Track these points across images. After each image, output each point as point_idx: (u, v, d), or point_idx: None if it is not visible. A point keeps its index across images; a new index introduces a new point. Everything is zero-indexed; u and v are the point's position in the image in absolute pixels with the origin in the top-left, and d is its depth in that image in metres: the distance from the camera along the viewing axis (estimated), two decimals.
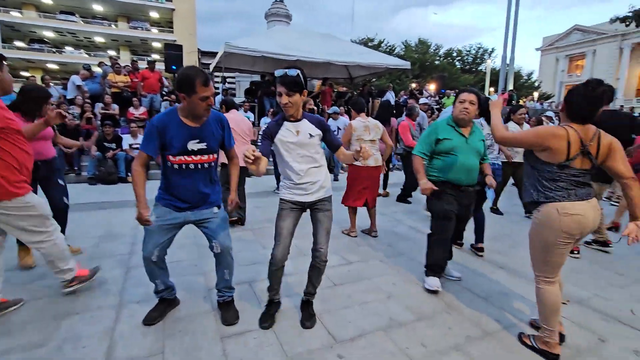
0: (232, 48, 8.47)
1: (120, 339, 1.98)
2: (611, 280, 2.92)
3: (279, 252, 2.04)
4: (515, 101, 15.20)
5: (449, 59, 32.29)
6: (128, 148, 6.90)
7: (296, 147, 2.00)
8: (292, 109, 1.93)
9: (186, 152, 1.95)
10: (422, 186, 2.56)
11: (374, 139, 3.80)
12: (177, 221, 2.06)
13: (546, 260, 1.87)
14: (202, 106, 1.88)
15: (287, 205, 2.08)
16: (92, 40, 31.87)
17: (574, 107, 1.79)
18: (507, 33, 19.97)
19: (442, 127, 2.62)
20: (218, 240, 2.10)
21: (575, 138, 1.75)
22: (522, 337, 2.06)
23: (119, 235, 3.75)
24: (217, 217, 2.12)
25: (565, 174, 1.78)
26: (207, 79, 1.83)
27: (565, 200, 1.76)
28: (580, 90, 1.77)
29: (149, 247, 2.02)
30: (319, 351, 1.93)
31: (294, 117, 2.00)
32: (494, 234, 4.02)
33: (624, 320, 2.32)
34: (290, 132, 1.99)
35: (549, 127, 1.84)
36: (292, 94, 1.89)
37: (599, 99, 1.73)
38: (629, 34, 31.62)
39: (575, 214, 1.74)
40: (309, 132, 2.01)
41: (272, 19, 13.57)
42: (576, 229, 1.76)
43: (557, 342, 1.89)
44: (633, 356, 1.96)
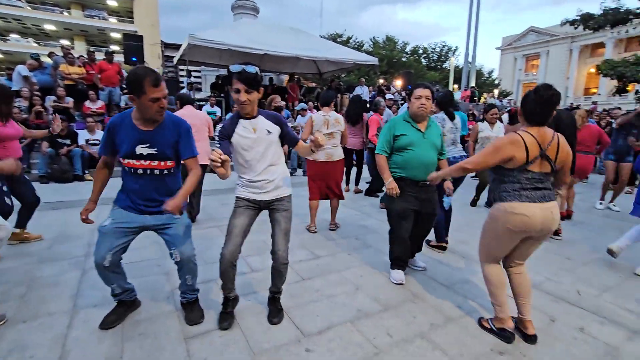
0: (196, 40, 8.16)
1: (73, 346, 1.86)
2: (561, 265, 3.14)
3: (228, 251, 1.95)
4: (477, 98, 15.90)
5: (415, 56, 33.14)
6: (84, 144, 6.48)
7: (254, 145, 1.95)
8: (249, 106, 1.89)
9: (134, 156, 1.86)
10: (388, 186, 2.58)
11: (332, 133, 3.76)
12: (134, 225, 1.96)
13: (490, 249, 2.04)
14: (153, 108, 1.77)
15: (242, 203, 2.03)
16: (41, 28, 29.55)
17: (528, 111, 1.89)
18: (469, 33, 20.86)
19: (399, 123, 2.64)
20: (178, 248, 1.99)
21: (532, 142, 1.84)
22: (482, 321, 2.16)
23: (74, 237, 3.52)
24: (178, 223, 2.01)
25: (525, 177, 1.87)
26: (157, 79, 1.73)
27: (516, 200, 1.87)
28: (531, 96, 1.88)
29: (102, 252, 1.88)
30: (286, 346, 1.91)
31: (250, 115, 1.95)
32: (457, 225, 4.18)
33: (571, 300, 2.51)
34: (247, 130, 1.94)
35: (504, 138, 1.91)
36: (251, 92, 1.85)
37: (548, 102, 1.84)
38: (578, 36, 33.99)
39: (521, 213, 1.84)
40: (266, 128, 1.97)
41: (238, 12, 13.21)
42: (519, 228, 1.87)
43: (509, 317, 2.03)
44: (578, 333, 2.12)
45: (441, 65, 34.25)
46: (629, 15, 14.74)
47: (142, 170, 1.89)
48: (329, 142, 3.75)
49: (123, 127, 1.86)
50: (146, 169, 1.89)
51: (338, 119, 3.80)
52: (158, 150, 1.88)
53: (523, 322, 2.03)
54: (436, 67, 34.03)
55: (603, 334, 2.11)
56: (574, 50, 36.09)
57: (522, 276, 2.07)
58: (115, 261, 1.94)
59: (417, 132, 2.60)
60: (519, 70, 39.43)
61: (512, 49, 41.47)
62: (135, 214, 1.95)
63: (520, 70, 39.63)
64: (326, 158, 3.77)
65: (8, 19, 27.79)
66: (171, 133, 1.91)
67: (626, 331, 2.15)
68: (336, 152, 3.82)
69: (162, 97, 1.77)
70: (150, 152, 1.87)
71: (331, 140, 3.77)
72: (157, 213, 1.95)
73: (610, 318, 2.29)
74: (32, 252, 3.11)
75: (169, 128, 1.90)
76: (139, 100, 1.75)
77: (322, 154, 3.74)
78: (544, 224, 1.86)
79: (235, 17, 13.21)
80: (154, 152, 1.87)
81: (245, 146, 1.95)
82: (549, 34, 37.54)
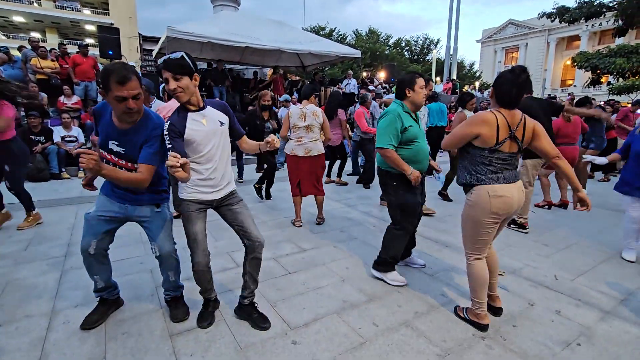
0: (175, 33, 7.93)
1: (53, 349, 1.81)
2: (539, 251, 3.25)
3: (201, 257, 1.90)
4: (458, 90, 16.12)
5: (398, 49, 33.29)
6: (60, 141, 6.24)
7: (208, 137, 1.83)
8: (184, 94, 1.73)
9: (106, 149, 1.84)
10: (413, 175, 2.40)
11: (309, 126, 3.68)
12: (117, 215, 1.94)
13: (476, 239, 2.01)
14: (118, 107, 1.67)
15: (193, 206, 1.89)
16: (9, 19, 28.12)
17: (503, 92, 1.90)
18: (450, 25, 21.07)
19: (403, 115, 2.46)
20: (157, 242, 1.96)
21: (504, 123, 1.87)
22: (457, 310, 2.21)
23: (51, 237, 3.41)
24: (158, 217, 1.98)
25: (495, 157, 1.91)
26: (123, 77, 1.60)
27: (495, 183, 1.91)
28: (507, 77, 1.89)
29: (87, 238, 1.92)
30: (272, 339, 1.92)
31: (195, 106, 1.82)
32: (439, 215, 4.28)
33: (549, 285, 2.60)
34: (197, 123, 1.80)
35: (478, 114, 1.93)
36: (180, 77, 1.69)
37: (523, 85, 1.87)
38: (554, 29, 34.83)
39: (503, 195, 1.89)
40: (218, 119, 1.88)
41: (218, 4, 12.89)
42: (503, 210, 1.91)
43: (486, 313, 2.06)
44: (555, 315, 2.21)
45: (424, 57, 34.54)
46: (603, 9, 15.19)
47: (113, 164, 1.83)
48: (307, 136, 3.69)
49: (103, 118, 1.82)
50: (116, 164, 1.83)
51: (316, 112, 3.71)
52: (126, 151, 1.81)
53: (492, 297, 2.16)
54: (418, 59, 34.29)
55: (578, 316, 2.20)
56: (551, 43, 36.98)
57: (492, 257, 2.15)
58: (101, 249, 1.95)
59: (416, 123, 2.52)
60: (498, 63, 40.19)
61: (492, 42, 42.15)
62: (117, 202, 1.92)
63: (500, 62, 40.40)
64: (304, 152, 3.71)
65: None
66: (143, 135, 1.80)
67: (599, 312, 2.25)
68: (315, 147, 3.74)
69: (128, 96, 1.64)
70: (119, 150, 1.81)
71: (309, 134, 3.70)
72: (137, 204, 1.93)
73: (585, 300, 2.39)
74: (8, 254, 3.00)
75: (144, 129, 1.79)
76: (107, 96, 1.67)
77: (300, 148, 3.70)
78: (519, 203, 1.95)
79: (215, 9, 12.89)
80: (121, 151, 1.82)
81: (198, 139, 1.80)
82: (527, 27, 38.31)
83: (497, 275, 2.18)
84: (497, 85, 1.93)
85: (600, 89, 24.12)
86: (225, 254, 3.00)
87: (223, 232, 2.03)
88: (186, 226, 1.90)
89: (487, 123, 1.87)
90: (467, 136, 1.93)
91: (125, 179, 1.72)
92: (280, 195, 5.11)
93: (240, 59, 11.39)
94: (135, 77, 1.65)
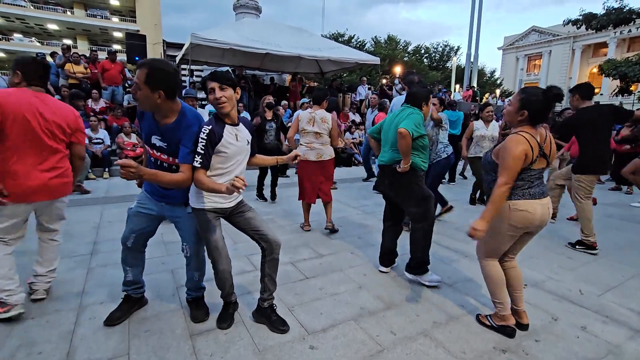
0: (199, 39, 8.18)
1: (80, 343, 1.88)
2: (562, 264, 3.15)
3: (224, 264, 1.96)
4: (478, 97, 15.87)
5: (417, 56, 33.11)
6: (87, 143, 6.51)
7: (235, 154, 1.89)
8: (227, 104, 1.79)
9: (149, 144, 1.92)
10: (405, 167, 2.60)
11: (319, 132, 3.69)
12: (153, 212, 2.02)
13: (490, 245, 2.04)
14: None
15: (210, 215, 1.91)
16: (44, 27, 29.64)
17: (536, 112, 1.88)
18: (472, 32, 20.80)
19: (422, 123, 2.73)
20: (188, 243, 2.03)
21: (534, 143, 1.87)
22: (480, 317, 2.19)
23: (78, 235, 3.55)
24: (190, 218, 1.99)
25: (526, 175, 1.91)
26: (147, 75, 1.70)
27: (520, 199, 1.91)
28: (540, 98, 1.87)
29: (126, 232, 2.04)
30: (290, 344, 1.93)
31: (232, 120, 1.88)
32: (459, 224, 4.21)
33: (573, 299, 2.52)
34: (231, 136, 1.86)
35: (514, 143, 1.86)
36: (225, 88, 1.77)
37: (552, 102, 1.89)
38: (580, 36, 33.90)
39: (525, 210, 1.89)
40: (246, 138, 1.96)
41: (240, 11, 13.24)
42: (521, 223, 1.92)
43: (509, 313, 2.05)
44: (581, 331, 2.13)
45: (443, 64, 34.20)
46: (632, 15, 14.69)
47: (154, 159, 1.92)
48: (317, 141, 3.72)
49: (146, 115, 1.90)
50: (157, 159, 1.91)
51: (325, 118, 3.70)
52: (168, 146, 1.86)
53: (518, 313, 2.12)
54: (438, 66, 33.98)
55: (605, 333, 2.12)
56: (577, 50, 35.98)
57: (515, 270, 2.13)
58: (138, 245, 2.06)
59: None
60: (520, 70, 39.37)
61: (514, 49, 41.36)
62: (155, 200, 1.99)
63: (522, 70, 39.57)
64: (316, 157, 3.74)
65: (11, 19, 27.92)
66: (182, 133, 1.84)
67: (628, 330, 2.16)
68: (326, 151, 3.78)
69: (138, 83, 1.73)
70: (161, 145, 1.87)
71: (319, 139, 3.72)
72: (172, 204, 1.99)
73: (613, 317, 2.30)
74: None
75: (183, 128, 1.83)
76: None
77: (312, 153, 3.72)
78: (542, 219, 1.94)
79: (237, 17, 13.23)
80: (164, 146, 1.87)
81: (229, 153, 1.85)
82: (551, 34, 37.42)
83: (522, 288, 2.14)
84: (529, 105, 1.88)
85: (630, 97, 23.22)
86: (244, 257, 3.05)
87: (241, 236, 2.06)
88: (205, 235, 1.94)
89: (525, 145, 1.84)
90: (520, 167, 1.86)
91: (167, 180, 1.77)
92: (292, 201, 5.13)
93: (261, 65, 11.60)
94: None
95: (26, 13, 27.42)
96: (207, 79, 1.80)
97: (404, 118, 2.63)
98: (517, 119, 1.94)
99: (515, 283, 2.11)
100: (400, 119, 2.66)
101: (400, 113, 2.74)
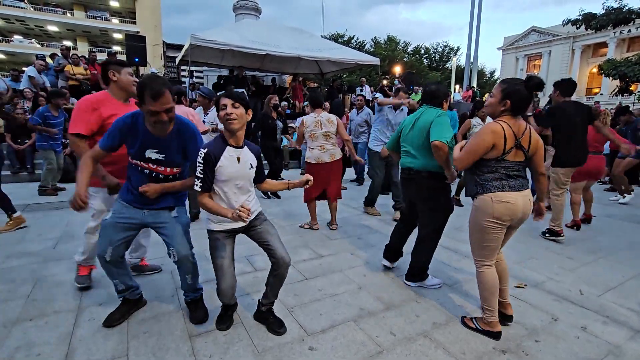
0: (198, 41, 8.19)
1: (79, 344, 1.88)
2: (562, 264, 3.14)
3: (226, 285, 1.92)
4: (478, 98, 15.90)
5: (417, 56, 33.13)
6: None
7: (234, 178, 1.84)
8: (237, 122, 1.76)
9: (143, 159, 1.88)
10: (453, 177, 2.47)
11: (328, 133, 3.80)
12: (134, 221, 1.96)
13: (483, 245, 2.03)
14: (149, 120, 1.76)
15: (219, 235, 1.91)
16: (44, 29, 29.69)
17: (518, 101, 1.90)
18: (471, 33, 20.81)
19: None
20: (175, 247, 1.97)
21: (510, 133, 1.88)
22: (465, 319, 2.18)
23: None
24: (175, 222, 2.00)
25: (501, 166, 1.93)
26: (157, 93, 1.67)
27: (499, 190, 1.92)
28: (521, 88, 1.89)
29: (103, 245, 1.92)
30: (290, 345, 1.93)
31: (236, 142, 1.84)
32: (457, 225, 4.20)
33: (573, 300, 2.51)
34: (232, 159, 1.82)
35: (486, 129, 1.91)
36: (238, 106, 1.76)
37: (533, 92, 1.91)
38: (580, 36, 33.90)
39: (506, 200, 1.91)
40: (249, 162, 1.89)
41: (240, 12, 13.24)
42: (506, 215, 1.92)
43: (497, 321, 2.05)
44: (581, 332, 2.12)
45: (443, 65, 34.24)
46: (632, 15, 14.69)
47: (149, 171, 1.91)
48: (328, 142, 3.83)
49: (135, 128, 1.84)
50: (152, 172, 1.91)
51: (330, 118, 3.83)
52: (166, 157, 1.88)
53: (503, 304, 2.13)
54: (438, 67, 34.01)
55: (605, 333, 2.11)
56: (576, 50, 35.96)
57: (501, 263, 2.15)
58: (117, 256, 1.95)
59: None
60: (520, 71, 39.33)
61: (514, 49, 41.35)
62: (135, 208, 1.95)
63: (522, 70, 39.52)
64: (330, 158, 3.84)
65: (11, 20, 27.96)
66: (179, 140, 1.91)
67: (629, 330, 2.15)
68: (337, 151, 3.90)
69: (160, 110, 1.71)
70: (158, 157, 1.88)
71: (329, 140, 3.83)
72: (155, 209, 1.97)
73: (613, 317, 2.29)
74: (38, 252, 3.14)
75: (181, 135, 1.90)
76: (140, 108, 1.76)
77: (326, 155, 3.80)
78: (524, 211, 1.95)
79: (237, 18, 13.24)
80: (161, 158, 1.88)
81: (226, 177, 1.81)
82: (550, 34, 37.41)
83: (508, 280, 2.17)
84: (511, 95, 1.90)
85: (629, 97, 23.22)
86: (244, 258, 3.04)
87: (241, 237, 2.06)
88: (212, 254, 1.94)
89: (496, 134, 1.88)
90: (481, 149, 1.91)
91: (182, 186, 1.97)
92: (295, 201, 5.14)
93: (261, 66, 11.61)
94: (168, 90, 1.73)
95: (26, 15, 27.45)
96: (222, 96, 1.78)
97: (430, 122, 2.42)
98: (499, 109, 1.95)
99: (502, 276, 2.12)
100: (425, 122, 2.47)
101: (423, 114, 2.54)
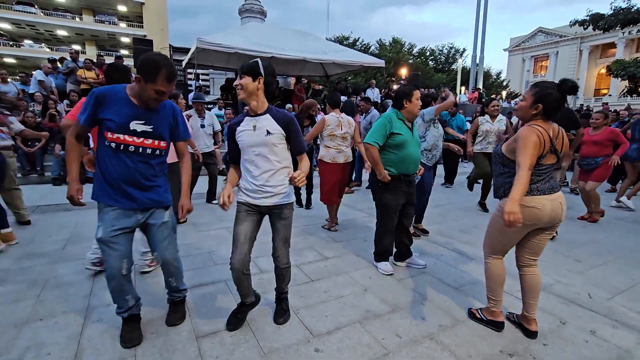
0: (204, 44, 8.27)
1: (88, 344, 1.90)
2: (570, 267, 3.10)
3: (236, 259, 1.91)
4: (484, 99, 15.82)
5: (422, 58, 33.01)
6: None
7: (250, 145, 1.87)
8: (242, 92, 1.84)
9: (127, 132, 1.73)
10: (384, 177, 2.74)
11: (346, 135, 3.85)
12: (127, 225, 1.83)
13: (496, 240, 2.04)
14: (152, 97, 1.71)
15: (242, 208, 1.97)
16: (54, 33, 30.15)
17: (551, 105, 1.85)
18: (477, 34, 20.74)
19: (395, 120, 2.76)
20: (159, 252, 1.96)
21: (546, 137, 1.85)
22: (472, 310, 2.21)
23: (86, 238, 3.58)
24: (164, 226, 1.94)
25: (536, 170, 1.89)
26: (173, 75, 1.70)
27: (528, 195, 1.87)
28: (554, 91, 1.84)
29: (115, 262, 1.77)
30: (295, 346, 1.93)
31: (253, 111, 1.90)
32: (464, 227, 4.18)
33: (582, 303, 2.48)
34: (247, 127, 1.89)
35: (529, 133, 1.83)
36: (243, 76, 1.83)
37: (565, 97, 1.88)
38: (587, 36, 33.59)
39: (532, 206, 1.87)
40: (266, 128, 1.86)
41: (246, 15, 13.35)
42: (528, 220, 1.88)
43: (501, 311, 2.08)
44: (590, 336, 2.10)
45: (449, 67, 34.06)
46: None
47: (134, 147, 1.76)
48: (344, 144, 3.87)
49: (116, 99, 1.72)
50: (138, 147, 1.77)
51: (349, 120, 3.89)
52: (154, 128, 1.80)
53: (528, 319, 2.08)
54: (443, 69, 33.85)
55: (615, 337, 2.08)
56: (584, 51, 35.64)
57: (535, 277, 2.07)
58: (131, 266, 1.88)
59: (408, 130, 2.80)
60: (527, 72, 39.04)
61: (520, 50, 41.10)
62: (126, 218, 1.82)
63: (529, 71, 39.24)
64: (344, 160, 3.88)
65: (22, 25, 28.42)
66: (166, 114, 1.88)
67: (638, 334, 2.12)
68: (350, 154, 3.97)
69: (167, 92, 1.73)
70: (145, 129, 1.77)
71: (345, 142, 3.87)
72: (149, 208, 1.89)
73: (622, 321, 2.26)
74: (46, 253, 3.18)
75: (164, 109, 1.86)
76: (144, 84, 1.68)
77: (341, 155, 3.85)
78: (552, 215, 1.90)
79: (243, 21, 13.35)
80: (149, 129, 1.78)
81: (244, 145, 1.90)
82: (557, 35, 37.13)
83: (538, 295, 2.08)
84: (543, 99, 1.85)
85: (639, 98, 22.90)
86: None
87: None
88: (234, 226, 1.99)
89: (539, 137, 1.83)
90: (535, 147, 1.81)
91: (188, 178, 2.07)
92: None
93: None
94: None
95: (36, 20, 27.88)
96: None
97: (371, 129, 2.80)
98: (530, 113, 1.91)
99: (533, 291, 2.06)
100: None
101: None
